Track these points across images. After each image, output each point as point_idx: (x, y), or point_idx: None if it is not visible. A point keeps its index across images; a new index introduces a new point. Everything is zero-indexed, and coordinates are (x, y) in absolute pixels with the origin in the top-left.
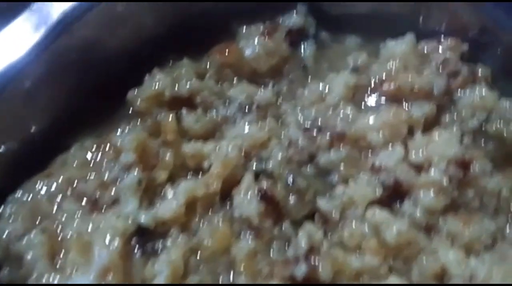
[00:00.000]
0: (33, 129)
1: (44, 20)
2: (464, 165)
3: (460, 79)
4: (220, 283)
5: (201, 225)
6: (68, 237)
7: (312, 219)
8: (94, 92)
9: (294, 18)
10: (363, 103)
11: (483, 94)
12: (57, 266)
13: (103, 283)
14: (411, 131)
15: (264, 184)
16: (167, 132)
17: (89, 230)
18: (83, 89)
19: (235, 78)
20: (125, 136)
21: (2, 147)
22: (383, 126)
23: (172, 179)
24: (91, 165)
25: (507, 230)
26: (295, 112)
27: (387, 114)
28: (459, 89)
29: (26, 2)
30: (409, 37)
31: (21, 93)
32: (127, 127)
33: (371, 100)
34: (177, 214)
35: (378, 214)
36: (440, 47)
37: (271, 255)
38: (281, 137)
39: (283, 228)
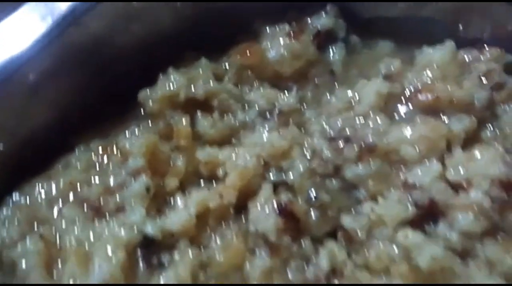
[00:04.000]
0: (36, 127)
1: (51, 10)
2: (508, 186)
3: (505, 93)
4: None
5: (212, 239)
6: (67, 245)
7: (335, 237)
8: (103, 90)
9: (323, 20)
10: (395, 114)
11: None
12: (54, 277)
13: None
14: (448, 147)
15: (284, 197)
16: (180, 136)
17: (90, 238)
18: (91, 87)
19: (256, 82)
20: (134, 139)
21: (1, 144)
22: (419, 140)
23: (183, 187)
24: (96, 169)
25: None
26: (320, 120)
27: (424, 127)
28: (502, 105)
29: None
30: (449, 45)
31: (24, 88)
32: (137, 129)
33: (405, 111)
34: (187, 226)
35: (411, 236)
36: (482, 57)
37: (289, 275)
38: (304, 147)
39: (303, 246)
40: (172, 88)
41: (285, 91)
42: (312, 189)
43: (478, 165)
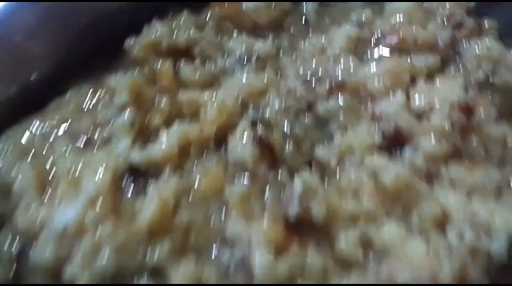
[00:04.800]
0: (32, 76)
1: None
2: (467, 110)
3: (465, 30)
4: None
5: (194, 168)
6: (58, 172)
7: (310, 169)
8: (91, 44)
9: None
10: (365, 56)
11: (489, 45)
12: (45, 199)
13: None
14: (414, 82)
15: (260, 129)
16: (163, 78)
17: (79, 166)
18: (80, 41)
19: (234, 32)
20: (120, 78)
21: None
22: (384, 74)
23: (167, 125)
24: (86, 109)
25: None
26: (295, 64)
27: (389, 63)
28: (464, 41)
29: None
30: None
31: (12, 44)
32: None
33: (374, 53)
34: (169, 154)
35: (377, 159)
36: (447, 3)
37: (265, 199)
38: (279, 88)
39: (279, 175)
40: (155, 36)
41: (263, 39)
42: (287, 124)
43: (439, 92)
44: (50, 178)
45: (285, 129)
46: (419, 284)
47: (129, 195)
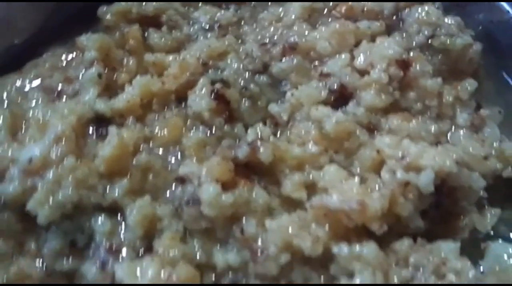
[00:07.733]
0: (13, 42)
1: None
2: (404, 64)
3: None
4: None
5: (156, 119)
6: (30, 119)
7: (264, 125)
8: (68, 11)
9: None
10: (317, 24)
11: (428, 11)
12: (17, 139)
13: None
14: (359, 45)
15: (218, 85)
16: (131, 39)
17: (49, 113)
18: (58, 9)
19: (200, 3)
20: (90, 36)
21: None
22: (331, 36)
23: None
24: (59, 67)
25: (450, 135)
26: (254, 32)
27: (335, 24)
28: (407, 9)
29: None
30: None
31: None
32: None
33: (325, 21)
34: (132, 104)
35: (321, 110)
36: None
37: (219, 148)
38: (238, 51)
39: (235, 130)
40: (126, 4)
41: (226, 10)
42: (244, 83)
43: (378, 49)
44: (22, 124)
45: (242, 88)
46: None
47: (93, 139)
